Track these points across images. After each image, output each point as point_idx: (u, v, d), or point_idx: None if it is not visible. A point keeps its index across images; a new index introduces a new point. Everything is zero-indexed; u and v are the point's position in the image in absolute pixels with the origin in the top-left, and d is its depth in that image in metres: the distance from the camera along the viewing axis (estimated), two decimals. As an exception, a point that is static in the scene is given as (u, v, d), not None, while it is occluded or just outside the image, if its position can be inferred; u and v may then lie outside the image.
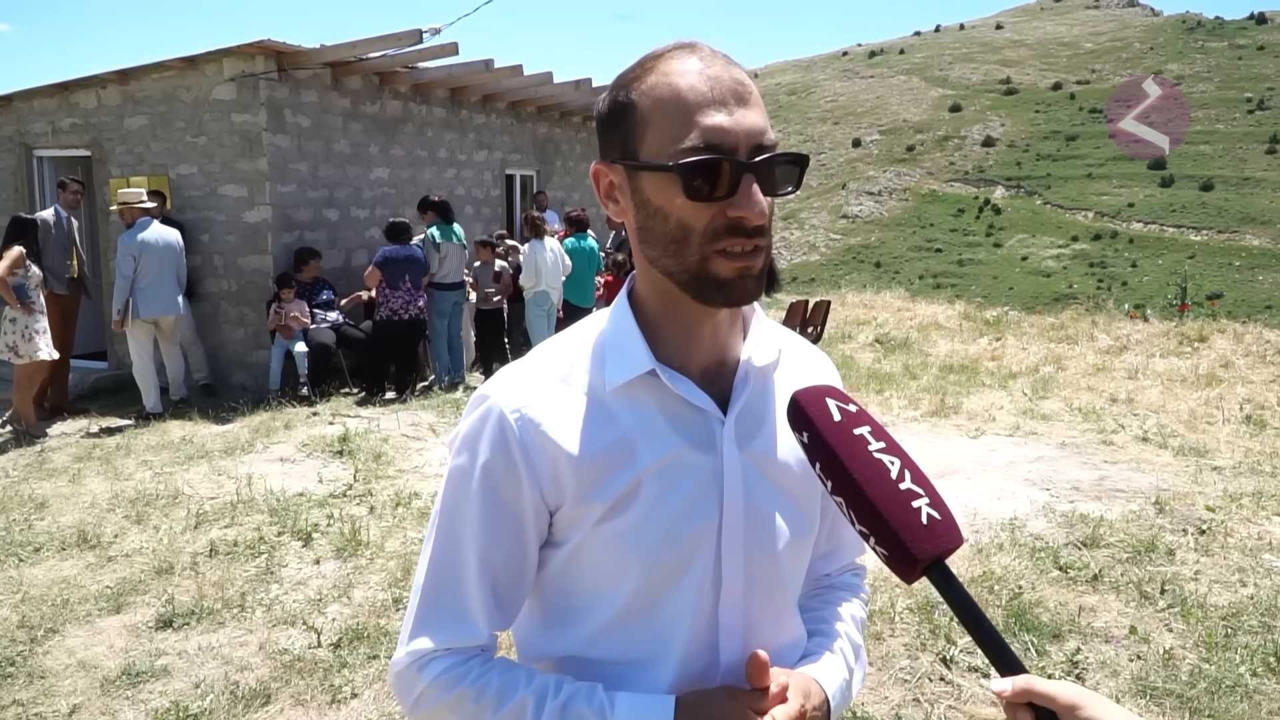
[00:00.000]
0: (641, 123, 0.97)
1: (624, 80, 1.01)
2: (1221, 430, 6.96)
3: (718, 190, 0.93)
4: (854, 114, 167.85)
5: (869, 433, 0.92)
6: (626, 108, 0.99)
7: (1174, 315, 12.31)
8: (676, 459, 1.01)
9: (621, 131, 1.00)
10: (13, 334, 7.26)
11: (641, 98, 0.98)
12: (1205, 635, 3.61)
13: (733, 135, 0.94)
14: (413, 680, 1.03)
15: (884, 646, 3.60)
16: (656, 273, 1.02)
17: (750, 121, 0.95)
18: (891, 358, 10.55)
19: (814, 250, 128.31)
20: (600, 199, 1.05)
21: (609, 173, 1.03)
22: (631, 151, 0.99)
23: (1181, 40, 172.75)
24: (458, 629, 1.03)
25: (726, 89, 0.95)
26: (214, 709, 3.27)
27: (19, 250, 7.28)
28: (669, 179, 0.95)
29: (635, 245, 1.04)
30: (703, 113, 0.94)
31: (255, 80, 8.56)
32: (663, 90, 0.96)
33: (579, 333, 1.09)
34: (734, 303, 0.99)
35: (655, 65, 0.99)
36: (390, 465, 6.28)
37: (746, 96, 0.96)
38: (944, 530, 0.86)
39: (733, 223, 0.94)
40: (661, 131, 0.96)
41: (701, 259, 0.96)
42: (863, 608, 1.28)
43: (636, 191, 1.00)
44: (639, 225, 1.01)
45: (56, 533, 5.02)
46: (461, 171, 11.40)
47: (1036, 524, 4.93)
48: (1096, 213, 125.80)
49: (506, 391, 1.02)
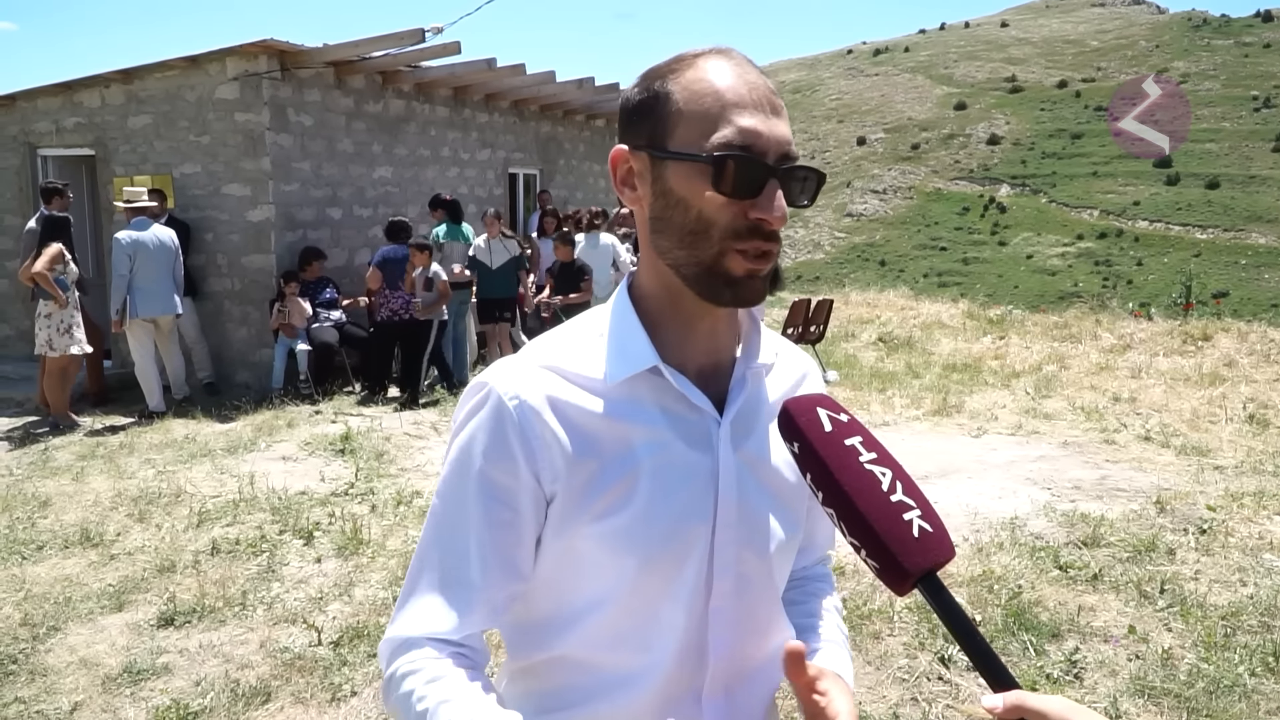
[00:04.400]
0: (675, 113, 0.98)
1: (658, 72, 1.02)
2: (1224, 430, 6.95)
3: (746, 188, 0.95)
4: (859, 112, 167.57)
5: (860, 443, 0.91)
6: (661, 97, 0.99)
7: (1178, 314, 12.29)
8: (673, 457, 1.02)
9: (652, 120, 1.00)
10: (48, 329, 7.47)
11: (679, 89, 0.99)
12: (1204, 635, 3.61)
13: (765, 139, 0.95)
14: (385, 664, 1.02)
15: (882, 645, 3.60)
16: (664, 265, 1.02)
17: (781, 131, 0.97)
18: (894, 356, 10.55)
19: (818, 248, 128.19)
20: (615, 184, 1.05)
21: (631, 159, 1.03)
22: (660, 140, 0.99)
23: (1187, 38, 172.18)
24: (438, 619, 1.00)
25: (762, 96, 0.97)
26: (214, 707, 3.28)
27: (58, 247, 7.47)
28: (698, 170, 0.96)
29: (644, 236, 1.04)
30: (740, 113, 0.95)
31: (258, 79, 8.57)
32: (702, 85, 0.97)
33: (578, 327, 1.08)
34: (741, 302, 0.99)
35: (694, 62, 1.00)
36: (392, 464, 6.30)
37: (779, 108, 0.99)
38: (935, 543, 0.85)
39: (754, 224, 0.96)
40: (695, 125, 0.97)
41: (719, 253, 0.97)
42: (838, 597, 1.31)
43: (659, 180, 1.00)
44: (655, 215, 1.01)
45: (59, 531, 5.04)
46: (464, 170, 11.41)
47: (1037, 523, 4.93)
48: (1102, 211, 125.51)
49: (505, 379, 1.02)
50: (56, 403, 7.69)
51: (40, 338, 7.50)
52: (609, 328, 1.05)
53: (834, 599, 1.29)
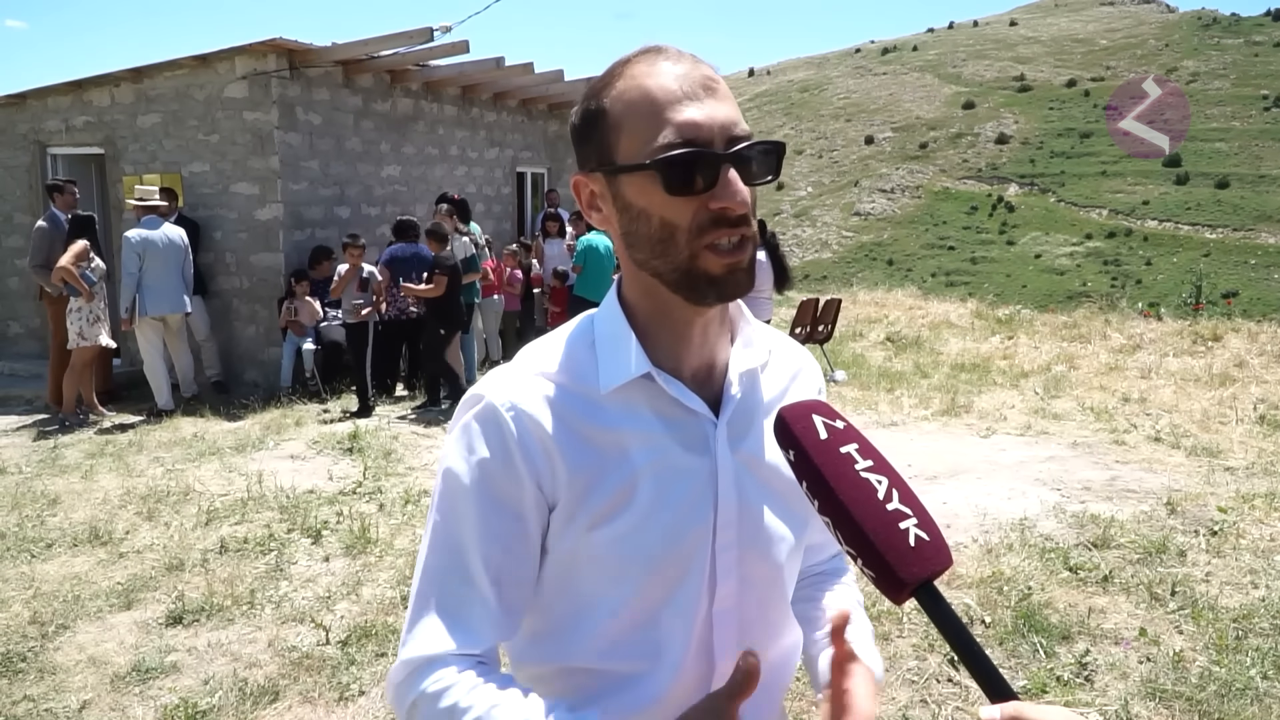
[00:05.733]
0: (615, 128, 0.98)
1: (593, 90, 1.01)
2: (1235, 430, 6.91)
3: (698, 183, 0.94)
4: (867, 111, 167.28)
5: (856, 450, 0.89)
6: (598, 115, 0.99)
7: (1188, 314, 12.24)
8: (671, 461, 1.01)
9: (596, 139, 1.00)
10: (79, 321, 7.69)
11: (613, 103, 0.98)
12: (1216, 637, 3.58)
13: (707, 128, 0.94)
14: (407, 689, 0.98)
15: (892, 647, 3.59)
16: (646, 276, 1.01)
17: (723, 113, 0.95)
18: (903, 356, 10.52)
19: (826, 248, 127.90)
20: (583, 210, 1.05)
21: (589, 182, 1.03)
22: (608, 158, 0.99)
23: (1197, 37, 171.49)
24: (455, 635, 0.98)
25: (696, 83, 0.95)
26: (223, 706, 3.28)
27: (83, 243, 7.72)
28: (649, 178, 0.95)
29: (622, 251, 1.04)
30: (674, 109, 0.94)
31: (267, 78, 8.59)
32: (632, 93, 0.96)
33: (568, 334, 1.08)
34: (726, 297, 0.98)
35: (623, 70, 0.99)
36: (400, 463, 6.30)
37: (715, 89, 0.96)
38: (932, 552, 0.84)
39: (716, 214, 0.94)
40: (635, 133, 0.96)
41: (690, 255, 0.96)
42: (858, 590, 1.28)
43: (618, 196, 1.00)
44: (624, 230, 1.01)
45: (68, 529, 5.06)
46: (472, 169, 11.42)
47: (1047, 524, 4.90)
48: (1111, 210, 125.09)
49: (500, 389, 1.01)
50: (72, 398, 7.81)
51: (72, 331, 7.69)
52: (600, 334, 1.05)
53: (854, 590, 1.26)
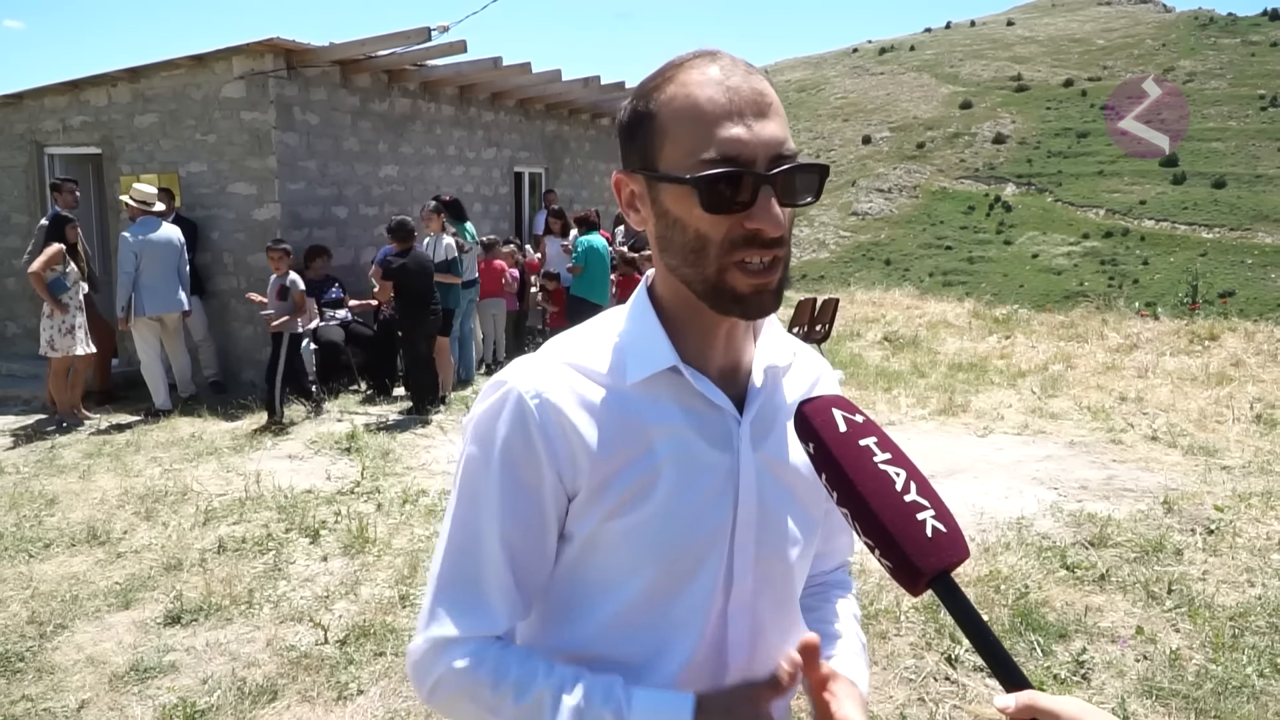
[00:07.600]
0: (660, 133, 0.98)
1: (644, 89, 1.01)
2: (1231, 429, 6.92)
3: (735, 202, 0.94)
4: (864, 111, 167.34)
5: (875, 443, 0.91)
6: (645, 118, 0.99)
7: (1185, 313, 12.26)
8: (693, 454, 1.02)
9: (641, 141, 1.00)
10: (50, 329, 7.53)
11: (661, 108, 0.98)
12: (1212, 636, 3.59)
13: (750, 147, 0.93)
14: (430, 666, 1.02)
15: (889, 645, 3.60)
16: (676, 280, 1.02)
17: (769, 133, 0.94)
18: (900, 356, 10.53)
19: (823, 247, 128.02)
20: (622, 207, 1.05)
21: (630, 182, 1.03)
22: (651, 162, 0.99)
23: (1194, 37, 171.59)
24: (478, 616, 1.02)
25: (745, 100, 0.94)
26: (221, 705, 3.28)
27: (58, 247, 7.53)
28: (687, 191, 0.95)
29: (655, 253, 1.05)
30: (720, 125, 0.94)
31: (264, 78, 8.58)
32: (681, 101, 0.96)
33: (596, 327, 1.09)
34: (750, 316, 0.99)
35: (675, 75, 0.98)
36: (398, 462, 6.30)
37: (765, 108, 0.95)
38: (949, 543, 0.85)
39: (750, 234, 0.94)
40: (679, 143, 0.96)
41: (719, 270, 0.96)
42: (857, 604, 1.30)
43: (656, 201, 1.00)
44: (659, 234, 1.02)
45: (66, 529, 5.05)
46: (470, 169, 11.41)
47: (1044, 523, 4.92)
48: (1108, 210, 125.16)
49: (525, 376, 1.02)
50: (62, 402, 7.75)
51: (43, 339, 7.57)
52: (628, 328, 1.06)
53: (852, 604, 1.28)
